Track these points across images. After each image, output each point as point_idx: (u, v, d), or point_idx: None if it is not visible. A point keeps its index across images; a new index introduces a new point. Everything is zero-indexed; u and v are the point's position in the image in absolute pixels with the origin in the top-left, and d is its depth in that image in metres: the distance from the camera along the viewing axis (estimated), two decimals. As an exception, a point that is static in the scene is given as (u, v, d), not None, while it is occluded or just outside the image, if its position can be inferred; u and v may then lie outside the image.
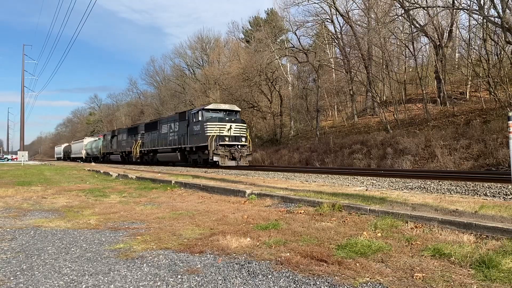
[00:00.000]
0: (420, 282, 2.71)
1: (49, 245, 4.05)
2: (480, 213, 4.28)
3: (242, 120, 22.38)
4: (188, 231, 4.55)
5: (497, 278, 2.70)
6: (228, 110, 22.01)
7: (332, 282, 2.77)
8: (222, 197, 7.50)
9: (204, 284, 2.80)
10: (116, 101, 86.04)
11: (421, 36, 27.29)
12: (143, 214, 5.98)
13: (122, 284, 2.85)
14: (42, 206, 7.02)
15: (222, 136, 20.06)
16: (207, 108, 21.54)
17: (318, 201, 5.62)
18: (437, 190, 7.11)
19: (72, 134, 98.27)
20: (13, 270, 3.23)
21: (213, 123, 20.34)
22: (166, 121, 26.89)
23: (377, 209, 4.77)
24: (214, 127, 20.20)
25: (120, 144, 37.05)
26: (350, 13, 29.99)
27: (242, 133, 20.89)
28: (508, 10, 17.37)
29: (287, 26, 36.30)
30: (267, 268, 3.11)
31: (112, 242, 4.14)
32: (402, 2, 22.13)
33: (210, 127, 20.23)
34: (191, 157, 22.70)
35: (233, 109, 22.24)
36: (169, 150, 25.29)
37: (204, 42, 53.86)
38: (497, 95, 19.89)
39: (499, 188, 6.86)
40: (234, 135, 20.44)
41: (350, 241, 3.67)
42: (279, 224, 4.62)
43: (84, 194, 8.86)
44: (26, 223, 5.33)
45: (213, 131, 20.08)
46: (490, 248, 3.28)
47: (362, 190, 6.83)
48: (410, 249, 3.49)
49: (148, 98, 69.44)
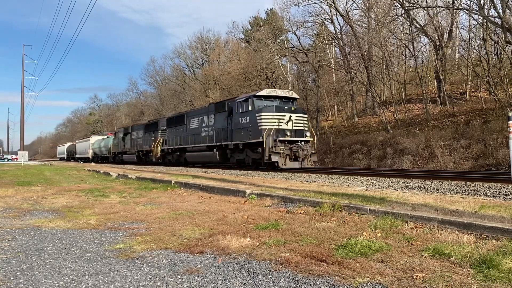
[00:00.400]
0: (420, 282, 2.71)
1: (49, 245, 4.05)
2: (480, 213, 4.28)
3: (303, 110, 17.76)
4: (188, 231, 4.55)
5: (497, 278, 2.70)
6: (285, 97, 17.21)
7: (332, 282, 2.77)
8: (222, 197, 7.50)
9: (204, 284, 2.80)
10: (116, 101, 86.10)
11: (421, 36, 27.30)
12: (143, 214, 5.98)
13: (122, 284, 2.85)
14: (42, 206, 7.02)
15: (281, 130, 15.55)
16: (260, 95, 16.80)
17: (318, 201, 5.62)
18: (437, 190, 7.11)
19: (72, 134, 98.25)
20: (13, 270, 3.23)
21: (269, 113, 15.75)
22: (196, 114, 22.63)
23: (377, 209, 4.77)
24: (270, 118, 15.64)
25: (135, 142, 32.92)
26: (350, 13, 30.00)
27: (305, 126, 16.28)
28: (508, 10, 17.37)
29: (287, 26, 36.31)
30: (267, 268, 3.11)
31: (112, 242, 4.14)
32: (402, 2, 22.13)
33: (265, 119, 15.73)
34: (234, 157, 18.41)
35: (291, 96, 17.45)
36: (203, 148, 20.91)
37: (204, 42, 53.88)
38: (497, 95, 19.90)
39: (499, 188, 6.86)
40: (296, 128, 15.84)
41: (350, 241, 3.67)
42: (279, 224, 4.62)
43: (84, 194, 8.86)
44: (26, 223, 5.33)
45: (269, 124, 15.52)
46: (490, 248, 3.29)
47: (362, 190, 6.83)
48: (410, 249, 3.49)
49: (148, 98, 69.46)
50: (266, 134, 15.29)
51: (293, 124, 15.82)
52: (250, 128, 16.46)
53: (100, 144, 45.53)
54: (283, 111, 16.01)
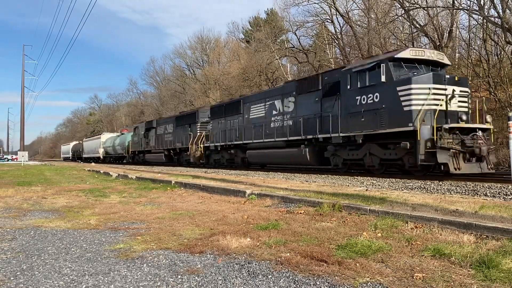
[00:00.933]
0: (420, 282, 2.71)
1: (49, 245, 4.05)
2: (480, 213, 4.28)
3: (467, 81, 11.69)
4: (188, 231, 4.55)
5: (497, 278, 2.70)
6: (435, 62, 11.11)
7: (332, 282, 2.77)
8: (222, 197, 7.49)
9: (204, 284, 2.80)
10: (116, 101, 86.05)
11: (421, 36, 27.27)
12: (143, 214, 5.98)
13: (122, 284, 2.85)
14: (42, 206, 7.02)
15: (445, 112, 9.97)
16: (399, 58, 10.80)
17: (318, 201, 5.62)
18: (437, 190, 7.11)
19: (72, 134, 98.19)
20: (13, 270, 3.23)
21: (424, 85, 9.98)
22: (259, 99, 17.02)
23: (377, 209, 4.77)
24: (426, 94, 9.86)
25: (162, 139, 27.34)
26: (350, 13, 29.99)
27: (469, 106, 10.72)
28: (508, 10, 17.38)
29: (287, 26, 36.29)
30: (267, 268, 3.11)
31: (112, 242, 4.14)
32: (402, 3, 22.14)
33: (417, 94, 9.93)
34: (341, 156, 12.73)
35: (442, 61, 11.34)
36: (279, 144, 15.21)
37: (204, 42, 53.87)
38: (497, 95, 19.89)
39: (499, 188, 6.86)
40: (460, 110, 10.17)
41: (350, 241, 3.67)
42: (279, 224, 4.62)
43: (84, 194, 8.86)
44: (26, 223, 5.33)
45: (423, 102, 9.84)
46: (490, 248, 3.29)
47: (362, 190, 6.83)
48: (410, 249, 3.49)
49: (148, 98, 69.45)
50: (420, 118, 9.63)
51: (457, 103, 10.11)
52: (383, 111, 10.60)
53: (114, 142, 39.47)
54: (444, 82, 10.07)
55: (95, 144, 47.70)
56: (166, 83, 59.99)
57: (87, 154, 51.49)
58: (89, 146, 51.15)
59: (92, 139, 52.21)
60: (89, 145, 51.47)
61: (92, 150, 48.75)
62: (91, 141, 51.65)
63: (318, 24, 33.89)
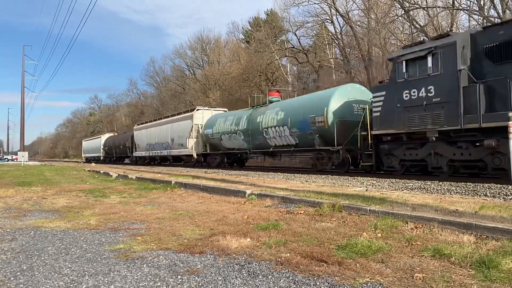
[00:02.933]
0: (420, 283, 2.71)
1: (49, 246, 4.05)
2: (480, 213, 4.28)
3: None
4: (188, 232, 4.55)
5: (497, 279, 2.70)
6: None
7: (332, 282, 2.77)
8: (222, 198, 7.50)
9: (204, 285, 2.81)
10: (116, 101, 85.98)
11: (421, 37, 27.28)
12: (143, 214, 5.98)
13: (122, 284, 2.85)
14: (42, 207, 7.02)
15: None
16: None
17: (318, 201, 5.62)
18: (437, 190, 7.10)
19: (72, 135, 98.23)
20: (13, 270, 3.23)
21: None
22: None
23: (377, 209, 4.78)
24: None
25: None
26: (350, 13, 30.00)
27: None
28: (508, 10, 17.38)
29: (287, 26, 36.31)
30: (267, 269, 3.11)
31: (112, 243, 4.14)
32: (402, 3, 22.15)
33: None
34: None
35: None
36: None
37: (204, 43, 53.87)
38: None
39: (499, 189, 6.86)
40: None
41: (350, 242, 3.67)
42: (279, 225, 4.62)
43: (84, 195, 8.86)
44: (26, 224, 5.33)
45: None
46: (490, 249, 3.29)
47: (362, 191, 6.83)
48: (410, 249, 3.49)
49: (148, 98, 69.44)
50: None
51: None
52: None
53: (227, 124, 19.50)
54: None
55: (164, 131, 26.28)
56: (166, 84, 60.01)
57: (146, 152, 29.81)
58: (152, 135, 28.65)
59: (157, 124, 28.23)
60: (152, 134, 28.64)
61: (159, 145, 27.06)
62: (157, 127, 27.98)
63: (318, 25, 33.90)
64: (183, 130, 23.67)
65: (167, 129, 26.04)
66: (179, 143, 24.02)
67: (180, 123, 24.46)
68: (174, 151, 24.85)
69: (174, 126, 25.17)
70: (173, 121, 25.73)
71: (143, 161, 31.49)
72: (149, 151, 29.27)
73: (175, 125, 25.05)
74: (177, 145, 24.42)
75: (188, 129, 22.94)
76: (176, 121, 25.27)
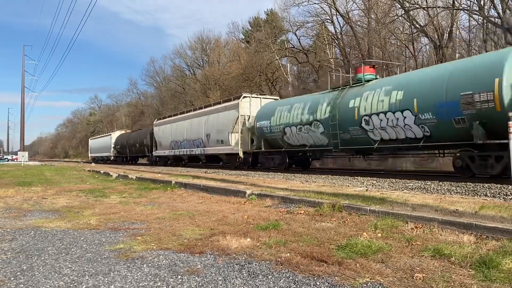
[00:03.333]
0: (420, 283, 2.71)
1: (49, 246, 4.05)
2: (480, 213, 4.28)
3: None
4: (188, 232, 4.55)
5: (497, 279, 2.70)
6: None
7: (332, 282, 2.77)
8: (222, 198, 7.50)
9: (204, 285, 2.81)
10: (116, 101, 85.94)
11: (421, 37, 27.29)
12: (143, 214, 5.98)
13: (122, 284, 2.85)
14: (42, 207, 7.02)
15: None
16: None
17: (318, 201, 5.62)
18: (437, 190, 7.10)
19: (73, 135, 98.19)
20: (13, 270, 3.23)
21: None
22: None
23: (377, 209, 4.78)
24: None
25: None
26: (350, 13, 30.01)
27: None
28: (508, 10, 17.38)
29: (287, 26, 36.32)
30: (267, 269, 3.11)
31: (112, 243, 4.14)
32: (402, 3, 22.16)
33: None
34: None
35: None
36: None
37: (204, 43, 53.86)
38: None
39: (499, 189, 6.85)
40: None
41: (350, 242, 3.67)
42: (279, 225, 4.62)
43: (84, 195, 8.86)
44: (26, 224, 5.33)
45: None
46: (490, 249, 3.29)
47: (362, 191, 6.83)
48: (410, 249, 3.49)
49: (148, 98, 69.42)
50: None
51: None
52: None
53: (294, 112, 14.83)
54: None
55: (198, 123, 21.87)
56: (166, 83, 60.00)
57: (171, 150, 25.14)
58: (178, 131, 24.39)
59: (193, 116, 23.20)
60: (178, 129, 24.41)
61: (191, 142, 22.44)
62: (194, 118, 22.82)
63: (318, 25, 33.91)
64: (224, 123, 19.05)
65: (201, 123, 21.48)
66: (218, 139, 19.56)
67: (219, 114, 19.80)
68: (211, 149, 20.28)
69: (211, 118, 20.57)
70: (209, 112, 21.04)
71: (165, 161, 27.33)
72: (175, 150, 24.69)
73: (212, 118, 20.42)
74: (214, 141, 20.00)
75: (232, 122, 18.35)
76: (213, 112, 20.52)
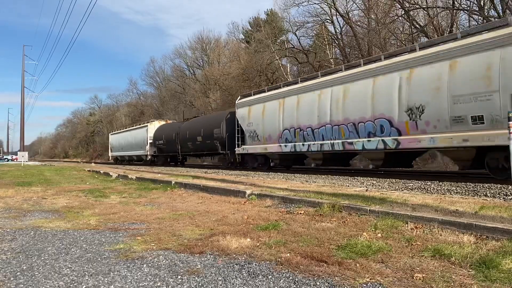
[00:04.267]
0: (420, 283, 2.70)
1: (49, 246, 4.05)
2: (480, 213, 4.27)
3: None
4: (188, 232, 4.55)
5: (497, 279, 2.69)
6: None
7: (332, 282, 2.77)
8: (222, 198, 7.49)
9: (204, 285, 2.80)
10: (116, 101, 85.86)
11: (421, 37, 27.29)
12: (143, 214, 5.98)
13: (122, 284, 2.85)
14: (42, 207, 7.02)
15: None
16: None
17: (318, 201, 5.62)
18: (437, 190, 7.10)
19: (72, 135, 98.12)
20: (13, 270, 3.23)
21: None
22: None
23: (377, 209, 4.77)
24: None
25: None
26: (350, 13, 30.01)
27: None
28: (508, 10, 17.38)
29: (287, 26, 36.31)
30: (267, 269, 3.11)
31: (112, 243, 4.14)
32: (402, 3, 22.16)
33: None
34: None
35: None
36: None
37: (204, 43, 53.87)
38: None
39: (499, 189, 6.85)
40: None
41: (350, 242, 3.66)
42: (279, 225, 4.62)
43: (84, 195, 8.86)
44: (26, 224, 5.33)
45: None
46: (490, 249, 3.29)
47: (362, 191, 6.82)
48: (410, 249, 3.49)
49: (148, 98, 69.42)
50: None
51: None
52: None
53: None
54: None
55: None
56: (166, 84, 60.01)
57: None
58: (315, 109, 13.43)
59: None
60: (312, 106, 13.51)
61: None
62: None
63: (318, 25, 33.89)
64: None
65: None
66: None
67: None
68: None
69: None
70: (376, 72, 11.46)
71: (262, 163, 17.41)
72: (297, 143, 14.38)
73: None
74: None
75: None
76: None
